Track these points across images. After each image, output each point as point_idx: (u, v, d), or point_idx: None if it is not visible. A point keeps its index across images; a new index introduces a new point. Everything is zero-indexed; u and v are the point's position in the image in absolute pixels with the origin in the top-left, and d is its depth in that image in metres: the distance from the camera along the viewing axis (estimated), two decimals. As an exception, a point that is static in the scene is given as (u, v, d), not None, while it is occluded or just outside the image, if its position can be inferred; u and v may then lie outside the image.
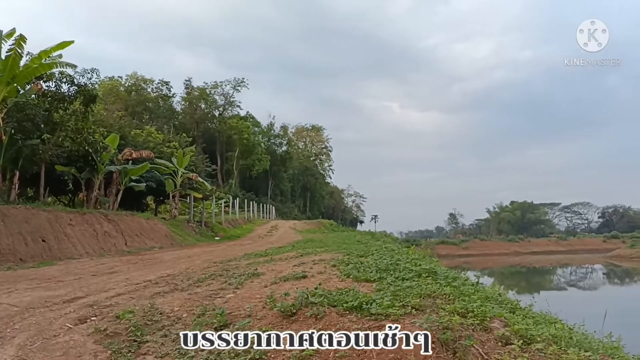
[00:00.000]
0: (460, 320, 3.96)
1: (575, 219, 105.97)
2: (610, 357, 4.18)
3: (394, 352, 3.51)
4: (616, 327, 8.94)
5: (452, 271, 8.54)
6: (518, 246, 66.99)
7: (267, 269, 7.90)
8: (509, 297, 7.00)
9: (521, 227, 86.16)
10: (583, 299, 23.70)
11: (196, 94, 53.38)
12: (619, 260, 46.14)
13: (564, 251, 65.49)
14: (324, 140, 77.28)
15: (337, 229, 38.83)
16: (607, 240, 69.91)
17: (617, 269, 41.23)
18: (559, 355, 3.57)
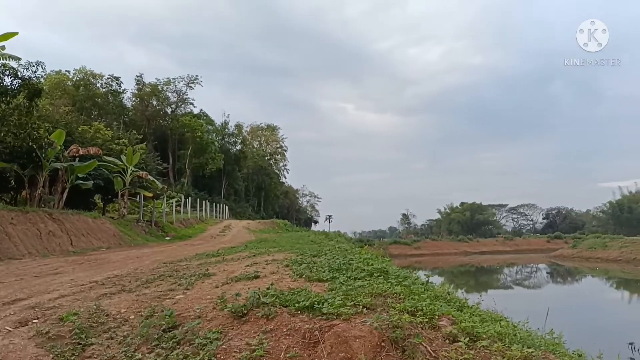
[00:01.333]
0: (410, 319, 4.03)
1: (521, 220, 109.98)
2: (551, 352, 4.34)
3: (345, 350, 3.52)
4: (558, 323, 9.32)
5: (403, 271, 8.68)
6: (467, 246, 68.81)
7: (219, 270, 7.79)
8: (457, 295, 7.18)
9: (470, 227, 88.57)
10: (528, 297, 24.60)
11: (148, 90, 52.06)
12: (562, 260, 48.16)
13: (510, 251, 67.75)
14: (279, 140, 77.10)
15: (291, 228, 38.78)
16: (550, 241, 72.83)
17: (560, 268, 43.02)
18: (503, 352, 3.67)
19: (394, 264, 12.85)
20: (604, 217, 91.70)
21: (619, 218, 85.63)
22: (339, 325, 3.86)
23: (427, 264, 47.63)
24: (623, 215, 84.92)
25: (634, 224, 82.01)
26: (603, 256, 43.43)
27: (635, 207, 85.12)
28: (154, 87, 52.35)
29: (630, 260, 39.08)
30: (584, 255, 46.63)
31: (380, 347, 3.59)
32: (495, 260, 53.77)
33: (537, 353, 3.83)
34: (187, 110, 55.52)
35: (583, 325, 15.37)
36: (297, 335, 3.89)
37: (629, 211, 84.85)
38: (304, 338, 3.84)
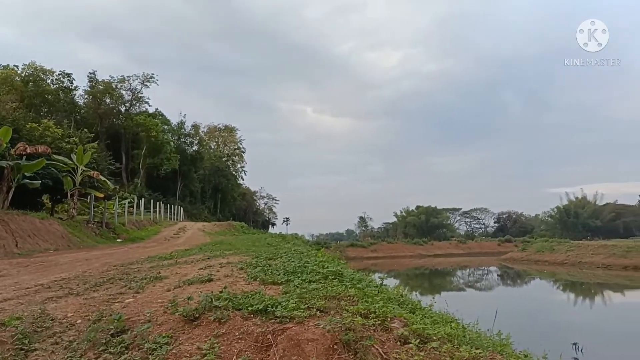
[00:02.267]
0: (363, 321, 4.06)
1: (474, 224, 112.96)
2: (499, 353, 4.46)
3: (297, 354, 3.51)
4: (507, 325, 9.60)
5: (358, 273, 8.75)
6: (422, 249, 70.08)
7: (171, 272, 7.64)
8: (410, 297, 7.30)
9: (425, 230, 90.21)
10: (480, 299, 25.24)
11: (101, 87, 50.48)
12: (512, 263, 49.71)
13: (463, 254, 69.43)
14: (237, 141, 76.34)
15: (248, 231, 38.47)
16: (501, 244, 75.12)
17: (510, 270, 44.37)
18: (452, 353, 3.75)
19: (351, 266, 12.95)
20: (552, 222, 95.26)
21: (565, 223, 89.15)
22: (292, 329, 3.85)
23: (383, 266, 48.20)
24: (569, 220, 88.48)
25: (580, 228, 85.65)
26: (550, 259, 45.11)
27: (580, 213, 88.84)
28: (108, 84, 50.85)
29: (576, 264, 40.76)
30: (533, 258, 48.31)
31: (333, 350, 3.60)
32: (448, 263, 54.94)
33: (484, 354, 3.94)
34: (141, 109, 54.17)
35: (531, 326, 15.91)
36: (249, 339, 3.85)
37: (575, 216, 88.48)
38: (257, 342, 3.80)
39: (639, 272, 33.45)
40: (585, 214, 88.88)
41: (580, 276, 35.01)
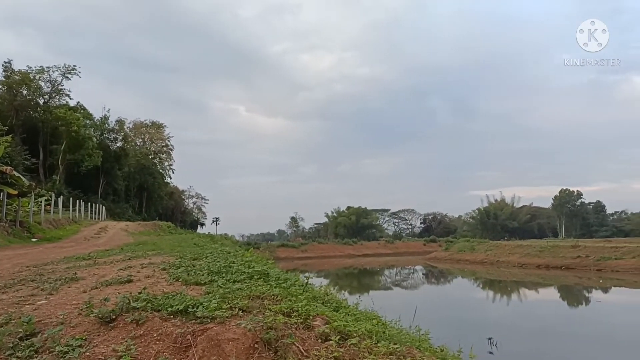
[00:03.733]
0: (284, 320, 4.08)
1: (401, 224, 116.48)
2: (416, 348, 4.63)
3: (217, 354, 3.48)
4: (429, 321, 9.97)
5: (287, 273, 8.76)
6: (352, 249, 71.27)
7: (89, 274, 7.30)
8: (335, 296, 7.41)
9: (355, 231, 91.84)
10: (405, 296, 26.00)
11: (17, 78, 47.31)
12: (436, 262, 51.64)
13: (391, 253, 71.32)
14: (164, 138, 73.96)
15: (174, 231, 37.48)
16: (426, 244, 77.93)
17: (434, 269, 46.08)
18: (371, 349, 3.86)
19: (281, 267, 12.95)
20: (474, 223, 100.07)
21: (486, 224, 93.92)
22: (213, 329, 3.81)
23: (313, 266, 48.54)
24: (489, 221, 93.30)
25: (498, 229, 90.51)
26: (471, 258, 47.31)
27: (499, 214, 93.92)
28: (25, 75, 47.69)
29: (494, 262, 43.00)
30: (455, 257, 50.45)
31: (253, 349, 3.60)
32: (377, 263, 56.18)
33: (401, 349, 4.08)
34: (62, 102, 51.20)
35: (451, 322, 16.61)
36: (168, 340, 3.76)
37: (495, 217, 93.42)
38: (176, 343, 3.72)
39: (550, 270, 35.76)
40: (503, 216, 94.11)
41: (498, 274, 36.95)
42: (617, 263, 32.17)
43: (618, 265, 31.78)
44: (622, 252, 33.67)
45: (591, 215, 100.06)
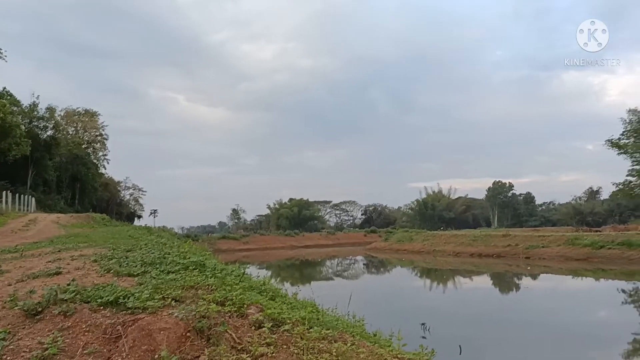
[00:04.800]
0: (218, 309, 4.11)
1: (343, 216, 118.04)
2: (348, 333, 4.78)
3: (148, 343, 3.46)
4: (366, 308, 10.22)
5: (225, 264, 8.74)
6: (294, 240, 71.50)
7: (15, 266, 7.00)
8: (272, 286, 7.48)
9: (298, 222, 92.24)
10: (345, 286, 26.38)
11: None
12: (376, 252, 52.70)
13: (332, 244, 72.13)
14: (98, 127, 70.83)
15: (109, 223, 36.24)
16: (367, 235, 79.36)
17: (374, 259, 47.03)
18: (304, 334, 3.96)
19: (221, 259, 12.85)
20: (412, 214, 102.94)
21: (424, 214, 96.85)
22: (144, 319, 3.78)
23: (255, 258, 48.34)
24: (427, 212, 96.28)
25: (435, 219, 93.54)
26: (409, 248, 48.63)
27: (437, 205, 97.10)
28: (-58, 57, 44.35)
29: (431, 252, 44.43)
30: (394, 247, 51.69)
31: (185, 337, 3.62)
32: (319, 254, 56.65)
33: (333, 333, 4.22)
34: (-15, 87, 48.16)
35: (388, 309, 17.08)
36: (97, 331, 3.71)
37: (432, 208, 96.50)
38: (105, 333, 3.68)
39: (483, 258, 37.38)
40: (440, 207, 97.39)
41: (434, 263, 38.23)
42: (544, 251, 34.07)
43: (545, 253, 33.66)
44: (548, 240, 35.69)
45: (521, 205, 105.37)
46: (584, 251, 31.37)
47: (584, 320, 15.21)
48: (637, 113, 40.88)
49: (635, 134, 41.38)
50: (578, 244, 32.59)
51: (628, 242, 29.75)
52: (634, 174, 43.14)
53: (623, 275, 25.63)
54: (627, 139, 42.07)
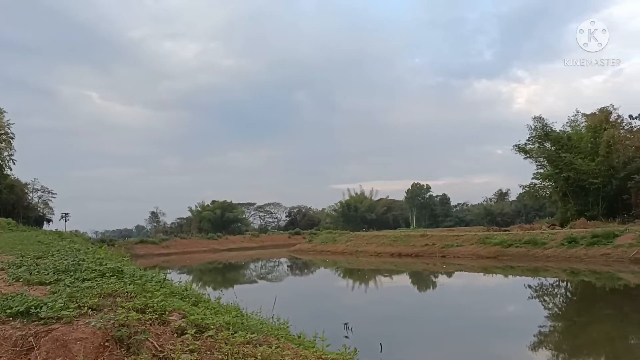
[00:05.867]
0: (138, 317, 4.01)
1: (267, 218, 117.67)
2: (273, 336, 4.82)
3: (63, 354, 3.32)
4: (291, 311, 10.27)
5: (144, 270, 8.46)
6: (217, 243, 70.21)
7: None
8: (195, 291, 7.35)
9: (220, 225, 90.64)
10: (269, 289, 26.33)
11: None
12: (300, 254, 52.97)
13: (256, 247, 71.61)
14: (3, 125, 65.94)
15: (15, 228, 33.87)
16: (291, 236, 79.55)
17: (298, 261, 47.27)
18: (228, 339, 3.95)
19: (139, 264, 12.40)
20: (336, 215, 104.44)
21: (347, 216, 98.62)
22: (59, 329, 3.62)
23: (175, 262, 46.98)
24: (350, 214, 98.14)
25: (358, 220, 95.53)
26: (333, 249, 49.34)
27: (359, 207, 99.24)
28: None
29: (354, 252, 45.34)
30: (318, 249, 52.23)
31: (104, 347, 3.50)
32: (242, 257, 56.06)
33: (258, 337, 4.24)
34: None
35: (313, 310, 17.25)
36: (6, 343, 3.50)
37: (355, 210, 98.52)
38: (16, 346, 3.48)
39: (402, 258, 38.69)
40: (363, 208, 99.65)
41: (357, 264, 39.04)
42: (458, 250, 35.84)
43: (459, 252, 35.42)
44: (462, 240, 37.59)
45: (438, 206, 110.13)
46: (494, 249, 33.32)
47: (495, 314, 16.17)
48: (541, 120, 44.00)
49: (539, 140, 44.55)
50: (489, 242, 34.57)
51: (533, 240, 31.97)
52: (538, 177, 46.43)
53: (529, 271, 27.51)
54: (532, 145, 45.21)
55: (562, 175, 41.37)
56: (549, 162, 43.87)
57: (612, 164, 40.47)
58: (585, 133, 43.62)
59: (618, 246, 26.88)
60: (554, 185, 45.44)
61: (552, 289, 22.01)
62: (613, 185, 40.19)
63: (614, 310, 16.24)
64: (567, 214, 42.56)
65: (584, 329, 13.52)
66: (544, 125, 44.01)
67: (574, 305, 18.64)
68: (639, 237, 26.56)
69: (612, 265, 25.52)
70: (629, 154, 40.62)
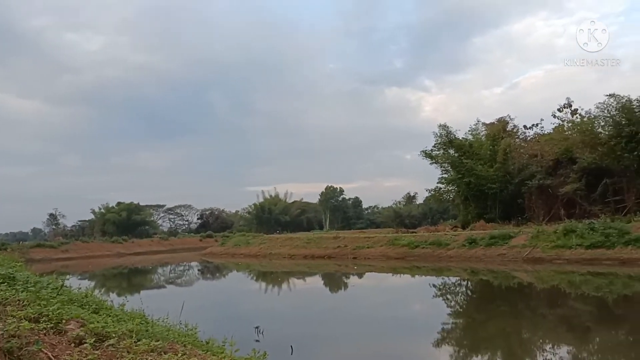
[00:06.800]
0: (31, 326, 3.72)
1: (177, 220, 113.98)
2: (179, 343, 4.67)
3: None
4: (201, 316, 10.03)
5: (39, 276, 7.88)
6: (122, 247, 67.13)
7: None
8: (97, 298, 6.96)
9: (127, 228, 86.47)
10: (179, 294, 25.54)
11: None
12: (212, 257, 51.95)
13: (165, 251, 69.29)
14: None
15: None
16: (203, 239, 77.82)
17: (210, 265, 46.32)
18: (130, 348, 3.77)
19: (35, 269, 11.51)
20: (250, 217, 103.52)
21: (261, 218, 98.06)
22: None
23: (76, 268, 44.26)
24: (264, 216, 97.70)
25: (272, 223, 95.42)
26: (246, 252, 48.87)
27: (274, 209, 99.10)
28: None
29: (267, 255, 45.19)
30: (231, 252, 51.53)
31: (-10, 362, 3.20)
32: (150, 261, 54.09)
33: (163, 344, 4.08)
34: None
35: (224, 315, 16.98)
36: None
37: (269, 212, 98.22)
38: None
39: (315, 260, 39.15)
40: (277, 210, 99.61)
41: (270, 266, 39.00)
42: (369, 251, 36.88)
43: (369, 253, 36.46)
44: (373, 241, 38.74)
45: (350, 209, 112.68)
46: (402, 250, 34.66)
47: (403, 313, 16.81)
48: (445, 128, 46.41)
49: (444, 146, 47.02)
50: (397, 244, 35.91)
51: (438, 241, 33.65)
52: (443, 181, 48.97)
53: (434, 271, 28.92)
54: (437, 151, 47.59)
55: (464, 180, 43.87)
56: (452, 167, 46.33)
57: (509, 170, 43.51)
58: (485, 141, 46.61)
59: (513, 247, 29.01)
60: (456, 190, 48.05)
61: (454, 287, 23.29)
62: (509, 190, 43.16)
63: (509, 307, 17.48)
64: (468, 216, 45.16)
65: (482, 325, 14.45)
66: (448, 132, 46.47)
67: (474, 302, 19.85)
68: (531, 239, 28.83)
69: (507, 264, 27.47)
70: (523, 161, 43.87)
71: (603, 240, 25.36)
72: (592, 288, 19.96)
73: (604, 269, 23.22)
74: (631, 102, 34.48)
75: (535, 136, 48.20)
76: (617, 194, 37.15)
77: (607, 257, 24.40)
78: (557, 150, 40.67)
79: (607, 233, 25.61)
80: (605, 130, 36.90)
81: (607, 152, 35.86)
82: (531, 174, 41.24)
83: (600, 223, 27.35)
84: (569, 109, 44.83)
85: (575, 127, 41.61)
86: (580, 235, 26.60)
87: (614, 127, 35.42)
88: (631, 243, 24.35)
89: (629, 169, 35.37)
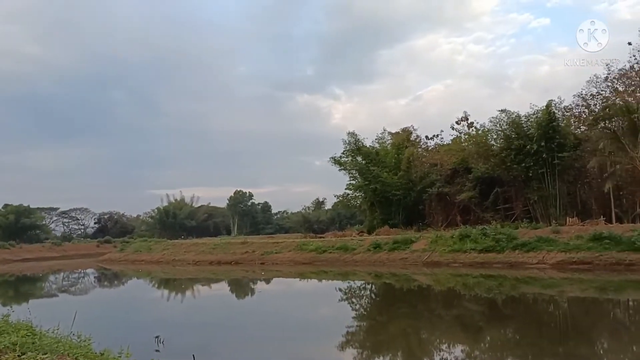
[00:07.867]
0: None
1: (72, 225, 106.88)
2: (70, 355, 4.33)
3: None
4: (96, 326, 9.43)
5: None
6: (8, 253, 61.80)
7: None
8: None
9: (14, 232, 79.61)
10: (72, 303, 23.88)
11: None
12: (109, 264, 49.24)
13: (58, 257, 64.80)
14: None
15: None
16: (100, 245, 73.66)
17: (107, 272, 43.86)
18: (14, 362, 3.44)
19: None
20: (152, 222, 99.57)
21: (165, 223, 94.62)
22: None
23: (-48, 277, 40.05)
24: (168, 220, 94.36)
25: (177, 228, 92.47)
26: (147, 258, 46.87)
27: (178, 214, 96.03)
28: None
29: (170, 261, 43.65)
30: (131, 258, 49.20)
31: None
32: (40, 268, 50.30)
33: (51, 357, 3.76)
34: None
35: (122, 324, 16.14)
36: None
37: (174, 216, 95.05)
38: None
39: (222, 266, 38.45)
40: (182, 215, 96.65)
41: (173, 273, 37.69)
42: (277, 257, 36.84)
43: (278, 259, 36.44)
44: (281, 246, 38.77)
45: (260, 214, 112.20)
46: (310, 255, 35.01)
47: (309, 317, 16.96)
48: (354, 136, 47.66)
49: (352, 153, 48.26)
50: (305, 249, 36.24)
51: (344, 246, 34.41)
52: (351, 187, 50.18)
53: (340, 275, 29.49)
54: (346, 158, 48.73)
55: (370, 187, 45.24)
56: (360, 174, 47.61)
57: (411, 178, 45.53)
58: (390, 149, 48.48)
59: (414, 251, 30.41)
60: (363, 196, 49.44)
61: (359, 291, 23.88)
62: (411, 197, 45.15)
63: (410, 308, 18.24)
64: (374, 222, 46.61)
65: (385, 327, 14.94)
66: (356, 140, 47.77)
67: (377, 305, 20.49)
68: (430, 243, 30.39)
69: (409, 268, 28.71)
70: (424, 169, 46.13)
71: (494, 244, 27.39)
72: (484, 290, 21.41)
73: (495, 272, 24.99)
74: (520, 117, 37.83)
75: (436, 146, 51.02)
76: (507, 202, 40.39)
77: (497, 261, 26.37)
78: (455, 160, 43.40)
79: (497, 238, 27.67)
80: (497, 142, 40.17)
81: (498, 163, 38.90)
82: (431, 182, 43.47)
83: (492, 229, 29.46)
84: (466, 121, 48.02)
85: (470, 139, 44.89)
86: (474, 240, 28.51)
87: (504, 140, 38.62)
88: (518, 247, 26.55)
89: (517, 179, 38.63)
